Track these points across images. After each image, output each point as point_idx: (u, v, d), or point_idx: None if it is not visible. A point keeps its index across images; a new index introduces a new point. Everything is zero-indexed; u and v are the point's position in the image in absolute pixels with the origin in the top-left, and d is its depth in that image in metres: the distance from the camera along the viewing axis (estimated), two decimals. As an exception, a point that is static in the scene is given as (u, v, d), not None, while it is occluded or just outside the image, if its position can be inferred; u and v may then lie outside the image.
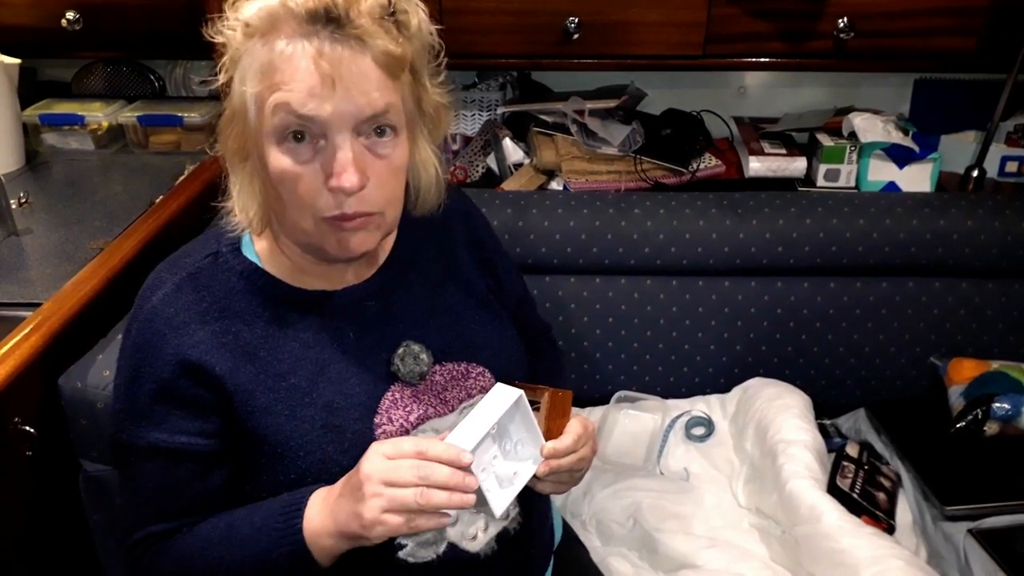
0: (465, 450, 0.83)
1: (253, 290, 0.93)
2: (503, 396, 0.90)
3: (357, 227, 0.86)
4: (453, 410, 0.99)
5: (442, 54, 0.92)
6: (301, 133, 0.82)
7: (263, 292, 0.94)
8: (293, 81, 0.80)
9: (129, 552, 0.94)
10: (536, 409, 1.00)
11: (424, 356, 0.97)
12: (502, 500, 0.89)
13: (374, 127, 0.84)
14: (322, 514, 0.86)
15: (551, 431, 0.96)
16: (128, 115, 1.78)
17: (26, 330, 1.12)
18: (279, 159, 0.84)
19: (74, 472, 1.15)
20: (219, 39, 0.85)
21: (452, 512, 0.83)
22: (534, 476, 0.93)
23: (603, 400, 1.61)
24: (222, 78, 0.86)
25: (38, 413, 1.10)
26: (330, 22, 0.80)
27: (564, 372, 1.25)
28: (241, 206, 0.90)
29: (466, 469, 0.82)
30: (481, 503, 0.89)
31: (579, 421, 0.99)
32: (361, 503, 0.81)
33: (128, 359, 0.91)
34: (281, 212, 0.88)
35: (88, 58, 1.90)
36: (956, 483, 1.35)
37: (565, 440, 0.94)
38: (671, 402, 1.60)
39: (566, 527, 1.26)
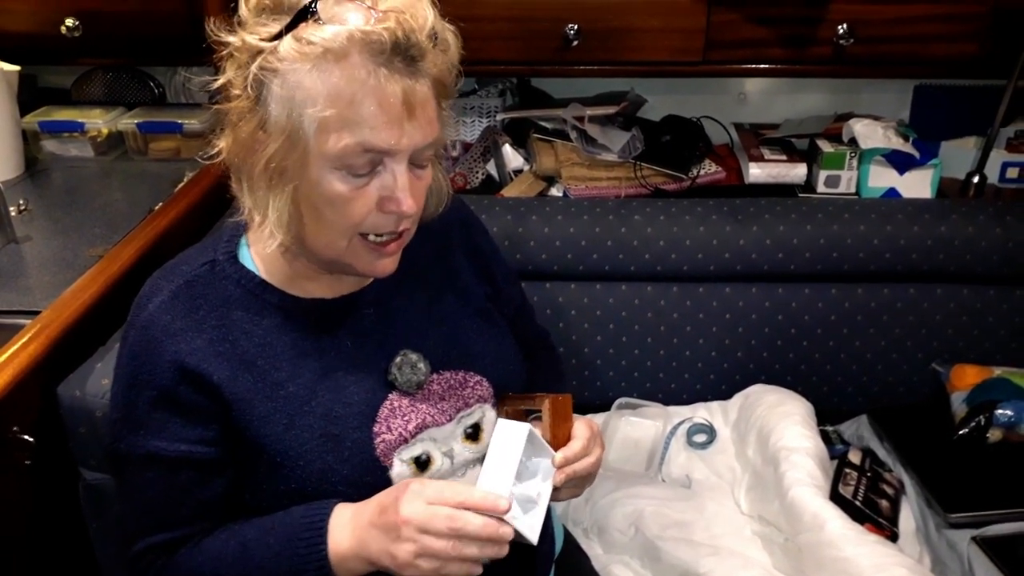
0: (502, 496, 0.84)
1: (250, 298, 0.93)
2: (513, 434, 0.90)
3: (392, 251, 0.89)
4: (451, 420, 0.98)
5: (462, 80, 0.91)
6: (367, 164, 0.82)
7: (260, 300, 0.93)
8: (371, 117, 0.80)
9: (132, 565, 0.93)
10: (538, 418, 1.00)
11: (422, 365, 0.97)
12: (533, 526, 0.90)
13: (423, 155, 0.86)
14: (351, 539, 0.86)
15: (557, 437, 0.95)
16: (127, 122, 1.78)
17: (25, 338, 1.12)
18: (336, 184, 0.83)
19: (73, 481, 1.14)
20: (234, 39, 0.82)
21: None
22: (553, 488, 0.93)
23: (604, 407, 1.60)
24: (230, 74, 0.83)
25: (37, 422, 1.10)
26: (402, 53, 0.80)
27: (564, 379, 1.24)
28: (278, 226, 0.86)
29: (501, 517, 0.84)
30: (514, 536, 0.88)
31: (584, 423, 0.99)
32: (395, 544, 0.83)
33: (125, 367, 0.91)
34: (314, 229, 0.87)
35: (88, 65, 1.89)
36: (959, 490, 1.34)
37: (575, 446, 0.95)
38: (672, 409, 1.59)
39: (567, 535, 1.25)
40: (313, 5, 0.80)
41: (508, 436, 0.90)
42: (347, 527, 0.87)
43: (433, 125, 0.85)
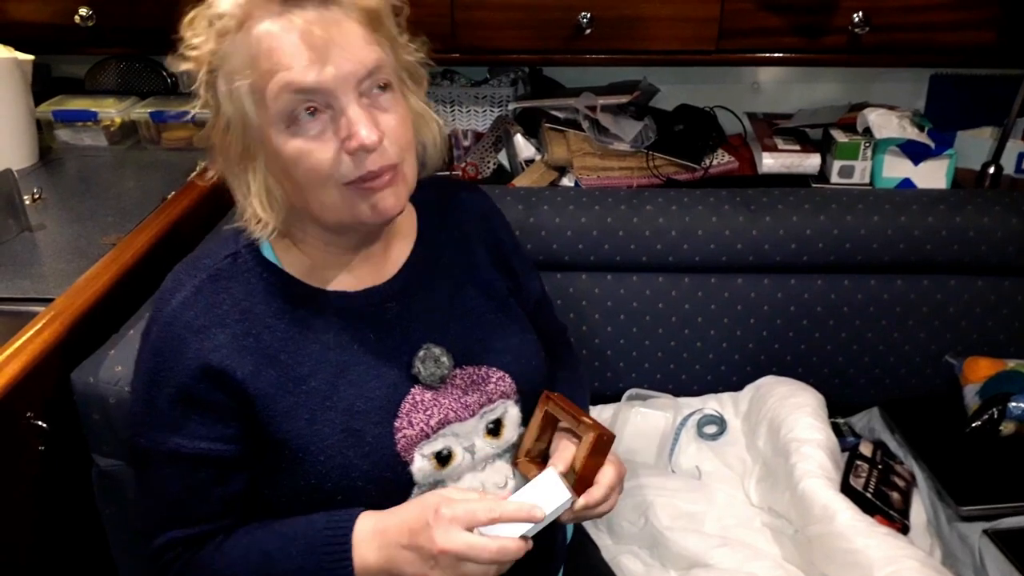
0: (536, 506, 0.87)
1: (273, 291, 0.92)
2: (556, 494, 0.90)
3: (385, 185, 0.86)
4: (473, 414, 0.98)
5: (405, 9, 0.91)
6: (310, 108, 0.82)
7: (283, 293, 0.93)
8: (288, 57, 0.80)
9: (153, 560, 0.93)
10: (575, 437, 0.99)
11: (445, 359, 0.96)
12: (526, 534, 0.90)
13: (374, 84, 0.84)
14: (380, 556, 0.86)
15: (586, 468, 0.94)
16: (141, 111, 1.79)
17: (38, 325, 1.13)
18: (291, 142, 0.83)
19: (86, 467, 1.16)
20: (187, 65, 0.84)
21: None
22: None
23: (615, 398, 1.60)
24: (202, 100, 0.86)
25: (50, 408, 1.11)
26: None
27: (583, 379, 1.23)
28: (261, 208, 0.88)
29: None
30: None
31: (614, 469, 0.97)
32: (433, 570, 0.84)
33: (147, 362, 0.90)
34: (303, 198, 0.87)
35: (101, 54, 1.91)
36: (971, 483, 1.33)
37: (596, 494, 0.94)
38: (683, 400, 1.59)
39: (577, 525, 1.25)
40: None
41: (549, 495, 0.90)
42: (373, 542, 0.87)
43: (365, 52, 0.83)
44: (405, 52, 0.91)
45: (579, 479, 0.94)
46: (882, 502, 1.32)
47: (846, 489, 1.31)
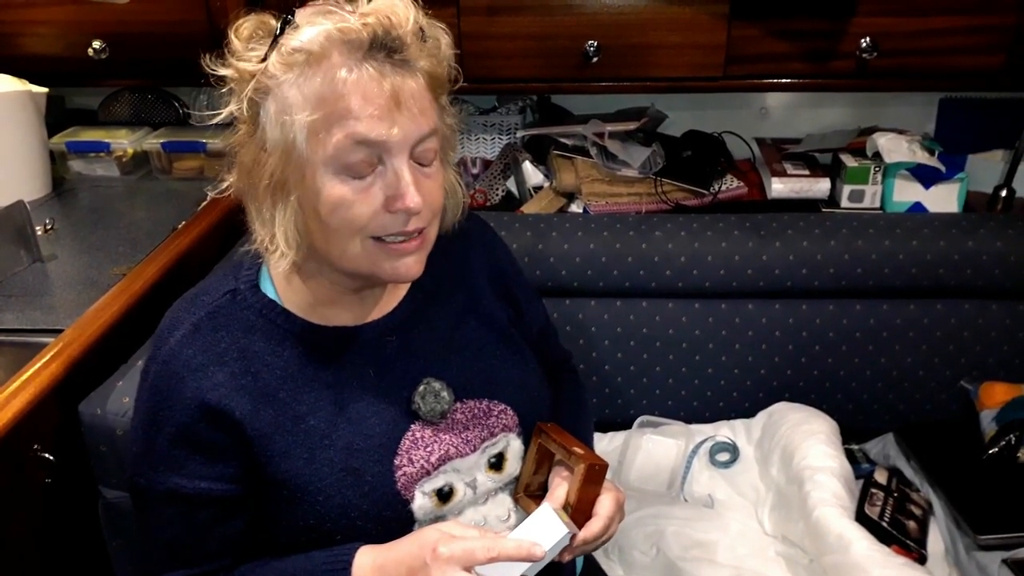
0: (536, 543, 0.85)
1: (272, 328, 0.92)
2: (554, 531, 0.89)
3: (412, 250, 0.86)
4: (475, 450, 0.97)
5: (459, 79, 0.91)
6: (367, 165, 0.81)
7: (283, 330, 0.92)
8: (358, 108, 0.79)
9: None
10: (562, 463, 0.98)
11: (445, 394, 0.95)
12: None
13: (425, 149, 0.84)
14: None
15: (581, 500, 0.93)
16: (152, 142, 1.80)
17: (46, 357, 1.13)
18: (336, 187, 0.82)
19: (93, 499, 1.15)
20: (228, 71, 0.83)
21: None
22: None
23: (625, 425, 1.59)
24: (233, 106, 0.84)
25: (58, 440, 1.11)
26: (384, 47, 0.80)
27: (586, 406, 1.21)
28: (285, 243, 0.86)
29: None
30: None
31: (611, 498, 0.95)
32: None
33: (146, 402, 0.90)
34: (325, 240, 0.86)
35: (114, 86, 1.92)
36: (990, 511, 1.31)
37: (595, 527, 0.93)
38: (695, 427, 1.58)
39: (588, 556, 1.23)
40: (291, 15, 0.82)
41: (546, 531, 0.89)
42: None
43: (427, 115, 0.83)
44: (448, 115, 0.91)
45: (575, 511, 0.92)
46: (898, 531, 1.29)
47: (861, 518, 1.29)
